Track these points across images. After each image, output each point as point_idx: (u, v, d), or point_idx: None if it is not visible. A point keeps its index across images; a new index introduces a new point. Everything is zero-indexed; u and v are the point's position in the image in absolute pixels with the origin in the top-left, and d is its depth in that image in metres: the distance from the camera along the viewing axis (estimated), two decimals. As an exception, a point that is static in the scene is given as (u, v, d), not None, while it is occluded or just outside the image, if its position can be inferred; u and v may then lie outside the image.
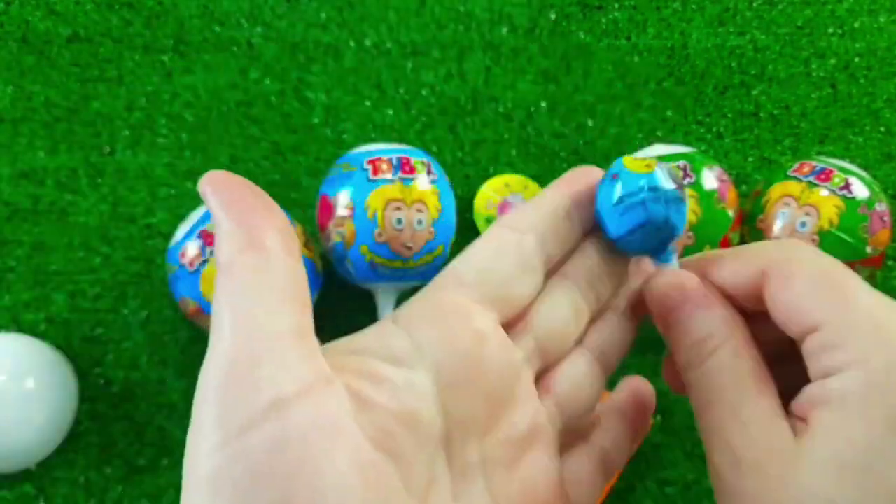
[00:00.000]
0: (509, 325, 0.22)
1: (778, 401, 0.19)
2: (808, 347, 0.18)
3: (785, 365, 0.20)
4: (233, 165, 0.54)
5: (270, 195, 0.56)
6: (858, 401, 0.17)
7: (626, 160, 0.22)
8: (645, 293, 0.22)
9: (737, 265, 0.21)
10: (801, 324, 0.19)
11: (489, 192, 0.51)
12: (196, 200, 0.53)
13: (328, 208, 0.46)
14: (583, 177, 0.23)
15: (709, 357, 0.20)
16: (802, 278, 0.19)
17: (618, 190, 0.22)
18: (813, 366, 0.18)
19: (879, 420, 0.16)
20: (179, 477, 0.21)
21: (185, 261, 0.43)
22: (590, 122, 0.56)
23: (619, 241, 0.22)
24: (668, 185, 0.22)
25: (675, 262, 0.22)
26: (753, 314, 0.21)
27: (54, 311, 0.50)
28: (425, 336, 0.19)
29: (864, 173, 0.46)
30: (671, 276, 0.21)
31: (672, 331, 0.21)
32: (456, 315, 0.20)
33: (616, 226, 0.22)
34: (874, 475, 0.16)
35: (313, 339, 0.17)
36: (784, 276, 0.19)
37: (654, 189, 0.21)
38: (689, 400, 0.21)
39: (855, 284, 0.19)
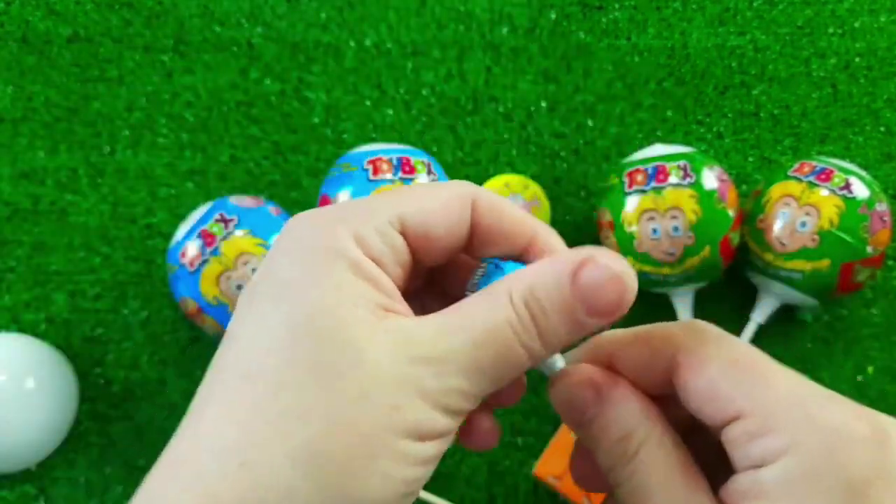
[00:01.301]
0: None
1: (708, 490, 0.18)
2: (731, 436, 0.18)
3: (690, 436, 0.20)
4: (233, 165, 0.54)
5: (271, 195, 0.56)
6: (800, 490, 0.16)
7: None
8: (551, 397, 0.21)
9: (643, 353, 0.20)
10: (721, 412, 0.18)
11: (489, 192, 0.51)
12: (196, 200, 0.53)
13: (328, 208, 0.46)
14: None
15: (634, 456, 0.19)
16: (717, 365, 0.18)
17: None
18: (738, 454, 0.18)
19: None
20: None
21: (186, 261, 0.43)
22: (590, 122, 0.56)
23: None
24: None
25: (559, 361, 0.21)
26: (656, 396, 0.20)
27: (54, 311, 0.50)
28: None
29: (864, 173, 0.46)
30: (578, 374, 0.20)
31: (587, 430, 0.20)
32: None
33: None
34: None
35: None
36: (697, 364, 0.19)
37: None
38: (614, 498, 0.20)
39: (771, 366, 0.18)
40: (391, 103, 0.56)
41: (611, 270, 0.18)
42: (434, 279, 0.23)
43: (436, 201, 0.20)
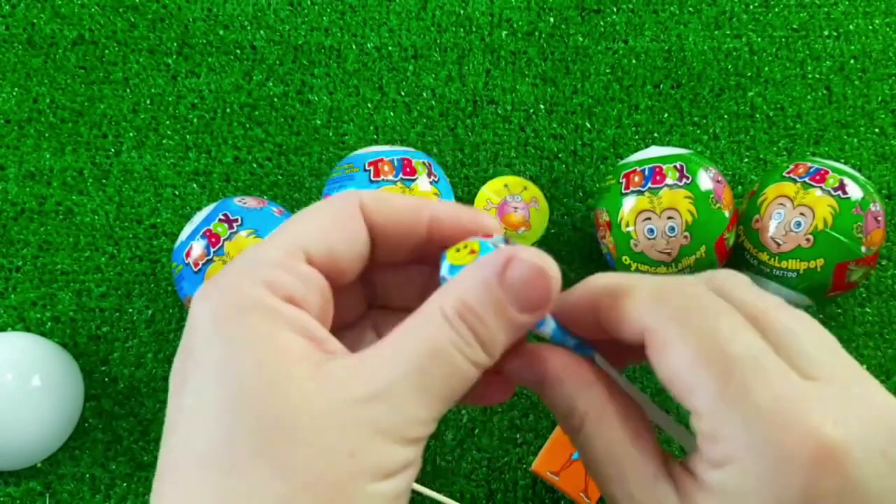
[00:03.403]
0: None
1: (656, 457, 0.19)
2: (692, 425, 0.18)
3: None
4: (237, 167, 0.54)
5: (273, 196, 0.57)
6: (732, 500, 0.17)
7: (450, 254, 0.20)
8: (506, 375, 0.21)
9: (621, 321, 0.20)
10: (682, 400, 0.18)
11: (489, 193, 0.52)
12: (200, 201, 0.53)
13: (331, 209, 0.47)
14: None
15: (580, 430, 0.20)
16: (677, 353, 0.18)
17: None
18: (699, 442, 0.18)
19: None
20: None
21: (190, 260, 0.44)
22: (588, 124, 0.56)
23: None
24: None
25: (549, 322, 0.21)
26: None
27: (60, 310, 0.51)
28: None
29: (858, 174, 0.47)
30: (518, 361, 0.21)
31: (548, 404, 0.21)
32: None
33: None
34: None
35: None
36: (661, 346, 0.18)
37: None
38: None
39: (733, 359, 0.17)
40: (392, 106, 0.56)
41: (534, 265, 0.18)
42: (387, 290, 0.23)
43: (325, 219, 0.20)
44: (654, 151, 0.48)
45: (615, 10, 0.59)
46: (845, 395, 0.17)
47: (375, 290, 0.23)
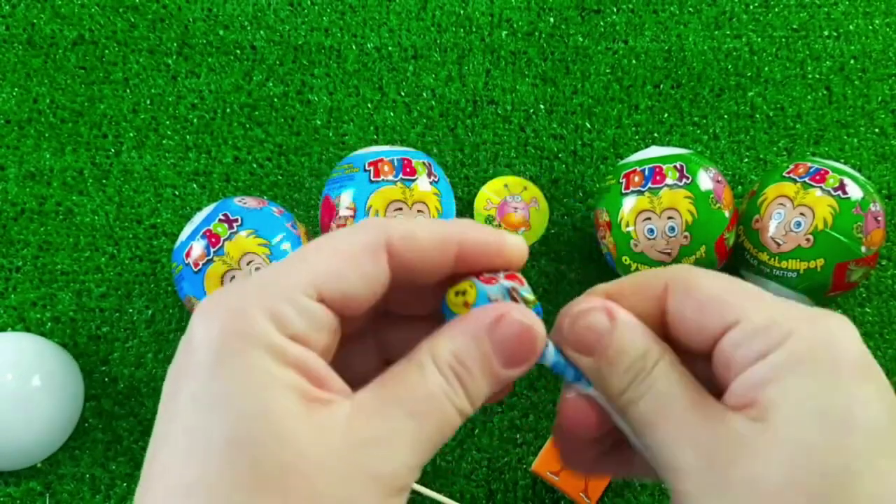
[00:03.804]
0: None
1: (715, 401, 0.20)
2: (732, 340, 0.19)
3: None
4: (237, 167, 0.55)
5: (274, 196, 0.57)
6: (806, 368, 0.18)
7: (450, 296, 0.21)
8: (564, 327, 0.21)
9: (637, 293, 0.21)
10: (721, 319, 0.19)
11: (488, 194, 0.52)
12: (200, 201, 0.53)
13: (331, 209, 0.47)
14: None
15: (652, 370, 0.20)
16: (712, 282, 0.20)
17: None
18: (740, 354, 0.19)
19: (829, 376, 0.18)
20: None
21: (190, 260, 0.44)
22: (587, 124, 0.56)
23: None
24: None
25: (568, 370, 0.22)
26: None
27: (60, 310, 0.51)
28: None
29: (858, 174, 0.47)
30: (589, 303, 0.21)
31: (601, 357, 0.21)
32: None
33: None
34: (836, 426, 0.17)
35: None
36: (687, 287, 0.20)
37: None
38: (625, 422, 0.21)
39: (756, 287, 0.20)
40: (392, 106, 0.57)
41: (522, 324, 0.20)
42: (394, 302, 0.23)
43: (345, 257, 0.19)
44: (654, 151, 0.48)
45: (615, 10, 0.59)
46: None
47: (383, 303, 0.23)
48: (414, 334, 0.21)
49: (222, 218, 0.45)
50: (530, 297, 0.21)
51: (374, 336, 0.23)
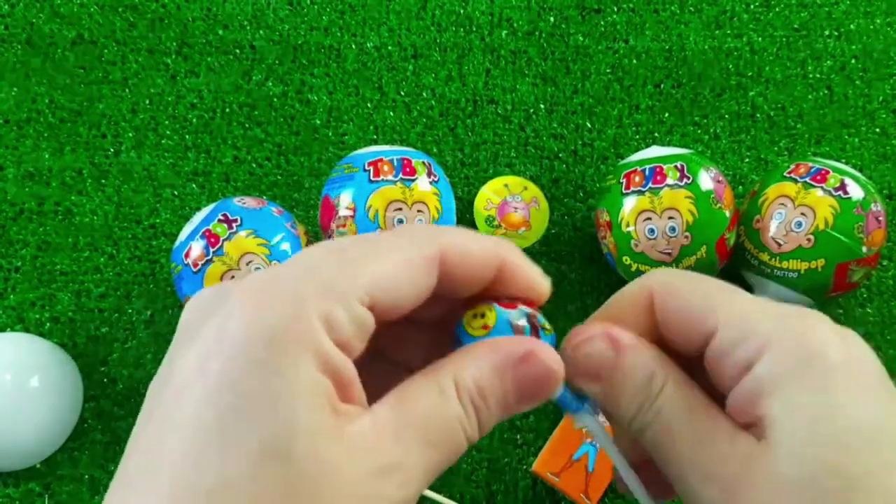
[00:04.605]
0: None
1: (727, 418, 0.20)
2: (716, 349, 0.19)
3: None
4: (236, 167, 0.54)
5: (273, 196, 0.57)
6: (789, 379, 0.18)
7: (467, 318, 0.20)
8: (569, 358, 0.21)
9: (627, 310, 0.22)
10: (701, 327, 0.20)
11: (489, 193, 0.52)
12: (200, 201, 0.53)
13: (330, 209, 0.47)
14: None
15: (659, 394, 0.20)
16: (687, 288, 0.20)
17: None
18: (727, 364, 0.19)
19: (817, 382, 0.18)
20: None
21: (190, 260, 0.44)
22: (588, 124, 0.56)
23: None
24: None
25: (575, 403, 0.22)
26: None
27: (59, 311, 0.50)
28: None
29: (859, 174, 0.46)
30: (592, 330, 0.21)
31: (609, 382, 0.21)
32: None
33: None
34: (838, 433, 0.17)
35: None
36: (665, 300, 0.21)
37: None
38: (640, 443, 0.21)
39: (732, 288, 0.20)
40: (392, 105, 0.56)
41: (549, 368, 0.19)
42: None
43: (403, 269, 0.19)
44: (655, 151, 0.48)
45: (616, 9, 0.59)
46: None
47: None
48: (407, 334, 0.21)
49: (221, 218, 0.44)
50: (547, 325, 0.21)
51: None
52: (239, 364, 0.16)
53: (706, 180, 0.45)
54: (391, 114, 0.56)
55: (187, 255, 0.44)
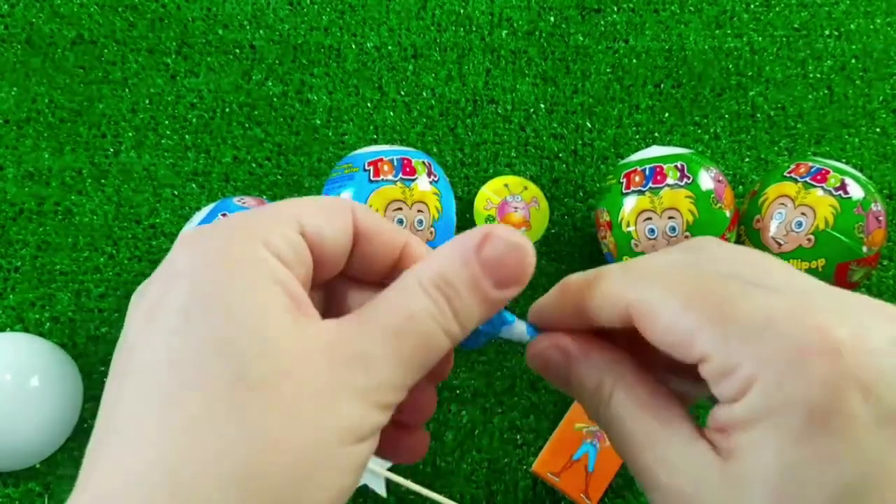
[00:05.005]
0: None
1: (689, 421, 0.19)
2: (704, 375, 0.18)
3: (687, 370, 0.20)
4: (236, 166, 0.54)
5: (273, 196, 0.57)
6: (765, 425, 0.17)
7: None
8: (531, 364, 0.22)
9: (602, 305, 0.20)
10: (686, 355, 0.18)
11: (489, 193, 0.52)
12: (199, 201, 0.53)
13: (330, 209, 0.46)
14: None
15: (609, 401, 0.20)
16: (668, 310, 0.18)
17: None
18: (715, 391, 0.18)
19: (786, 436, 0.16)
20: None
21: (190, 260, 0.44)
22: (588, 124, 0.56)
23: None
24: None
25: (513, 319, 0.22)
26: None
27: (59, 311, 0.50)
28: None
29: (859, 174, 0.46)
30: (547, 340, 0.22)
31: (569, 388, 0.21)
32: None
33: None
34: (794, 488, 0.16)
35: None
36: (649, 313, 0.19)
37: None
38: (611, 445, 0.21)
39: (726, 289, 0.18)
40: (392, 105, 0.56)
41: (510, 241, 0.19)
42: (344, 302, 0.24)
43: (318, 206, 0.20)
44: (655, 151, 0.48)
45: (616, 9, 0.59)
46: (836, 299, 0.18)
47: (332, 301, 0.23)
48: (366, 294, 0.21)
49: (221, 218, 0.44)
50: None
51: (323, 291, 0.24)
52: (188, 288, 0.17)
53: (706, 180, 0.45)
54: (391, 114, 0.56)
55: (187, 255, 0.44)
